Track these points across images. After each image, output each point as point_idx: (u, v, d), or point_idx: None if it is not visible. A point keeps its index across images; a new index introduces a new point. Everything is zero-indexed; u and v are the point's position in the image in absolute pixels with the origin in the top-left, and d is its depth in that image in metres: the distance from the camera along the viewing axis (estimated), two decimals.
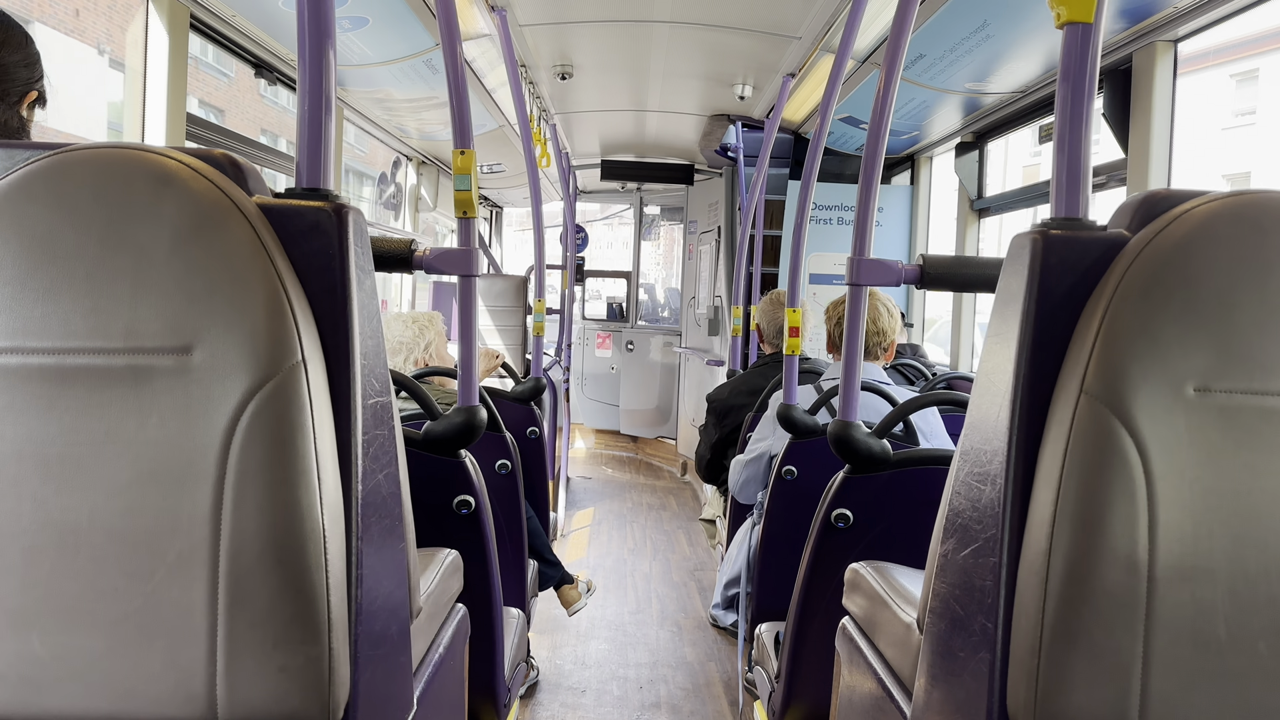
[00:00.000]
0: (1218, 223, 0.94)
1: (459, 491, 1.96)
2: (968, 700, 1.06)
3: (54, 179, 0.97)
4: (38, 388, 0.95)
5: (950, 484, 1.18)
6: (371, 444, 1.06)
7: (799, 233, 2.70)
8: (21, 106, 1.44)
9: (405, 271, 1.69)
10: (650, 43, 4.05)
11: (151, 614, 0.95)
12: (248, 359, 0.94)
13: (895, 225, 5.24)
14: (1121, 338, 0.93)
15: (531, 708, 3.21)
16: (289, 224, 1.02)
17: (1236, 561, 0.93)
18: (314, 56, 1.12)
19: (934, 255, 1.71)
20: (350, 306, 1.03)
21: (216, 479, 0.94)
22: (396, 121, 4.88)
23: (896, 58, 1.90)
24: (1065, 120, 1.12)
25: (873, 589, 1.52)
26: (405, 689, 1.23)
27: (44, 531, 0.95)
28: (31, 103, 1.46)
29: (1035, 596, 0.96)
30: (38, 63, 1.47)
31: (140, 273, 0.95)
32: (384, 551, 1.10)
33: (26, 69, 1.44)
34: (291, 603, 0.94)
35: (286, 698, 0.95)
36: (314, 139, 1.11)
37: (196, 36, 2.87)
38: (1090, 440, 0.93)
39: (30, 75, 1.45)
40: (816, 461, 2.57)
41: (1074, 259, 1.01)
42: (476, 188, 1.88)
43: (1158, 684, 0.93)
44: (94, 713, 0.96)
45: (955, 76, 3.58)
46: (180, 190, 0.96)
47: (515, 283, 5.52)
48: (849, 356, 1.98)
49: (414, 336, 3.08)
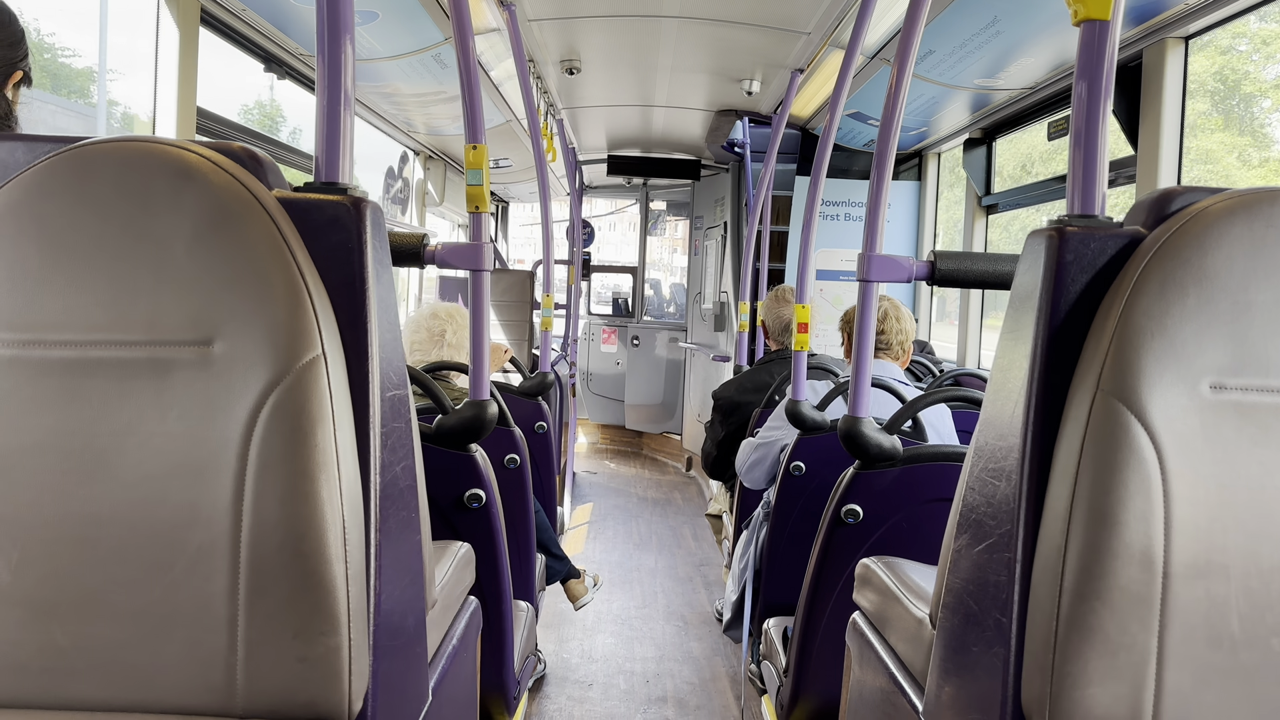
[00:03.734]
0: (1234, 220, 0.95)
1: (470, 485, 1.96)
2: (981, 695, 1.07)
3: (75, 172, 0.97)
4: (59, 380, 0.96)
5: (964, 479, 1.18)
6: (389, 436, 1.07)
7: (807, 229, 2.70)
8: (6, 87, 1.42)
9: (417, 266, 1.70)
10: (658, 38, 4.05)
11: (172, 605, 0.96)
12: (268, 352, 0.95)
13: (902, 222, 5.23)
14: (1137, 335, 0.94)
15: (539, 700, 3.22)
16: (308, 218, 1.03)
17: (1251, 558, 0.93)
18: (332, 52, 1.12)
19: (945, 251, 1.71)
20: (369, 300, 1.04)
21: (237, 471, 0.94)
22: (404, 116, 4.88)
23: (908, 53, 1.89)
24: (1082, 117, 1.12)
25: (884, 584, 1.53)
26: (421, 680, 1.24)
27: (65, 523, 0.96)
28: (16, 83, 1.44)
29: (1050, 592, 0.96)
30: (22, 41, 1.44)
31: (161, 266, 0.96)
32: (401, 543, 1.11)
33: (10, 48, 1.41)
34: (311, 594, 0.95)
35: (305, 688, 0.96)
36: (332, 133, 1.12)
37: (207, 31, 2.87)
38: (1106, 437, 0.93)
39: (14, 55, 1.42)
40: (824, 457, 2.57)
41: (1090, 256, 1.02)
42: (488, 182, 1.89)
43: (1172, 679, 0.93)
44: (115, 702, 0.97)
45: (965, 72, 3.57)
46: (201, 184, 0.96)
47: (522, 278, 5.52)
48: (859, 352, 1.98)
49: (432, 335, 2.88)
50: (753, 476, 3.00)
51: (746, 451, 3.03)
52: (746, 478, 3.05)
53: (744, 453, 3.05)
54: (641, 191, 8.88)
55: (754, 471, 2.98)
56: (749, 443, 3.05)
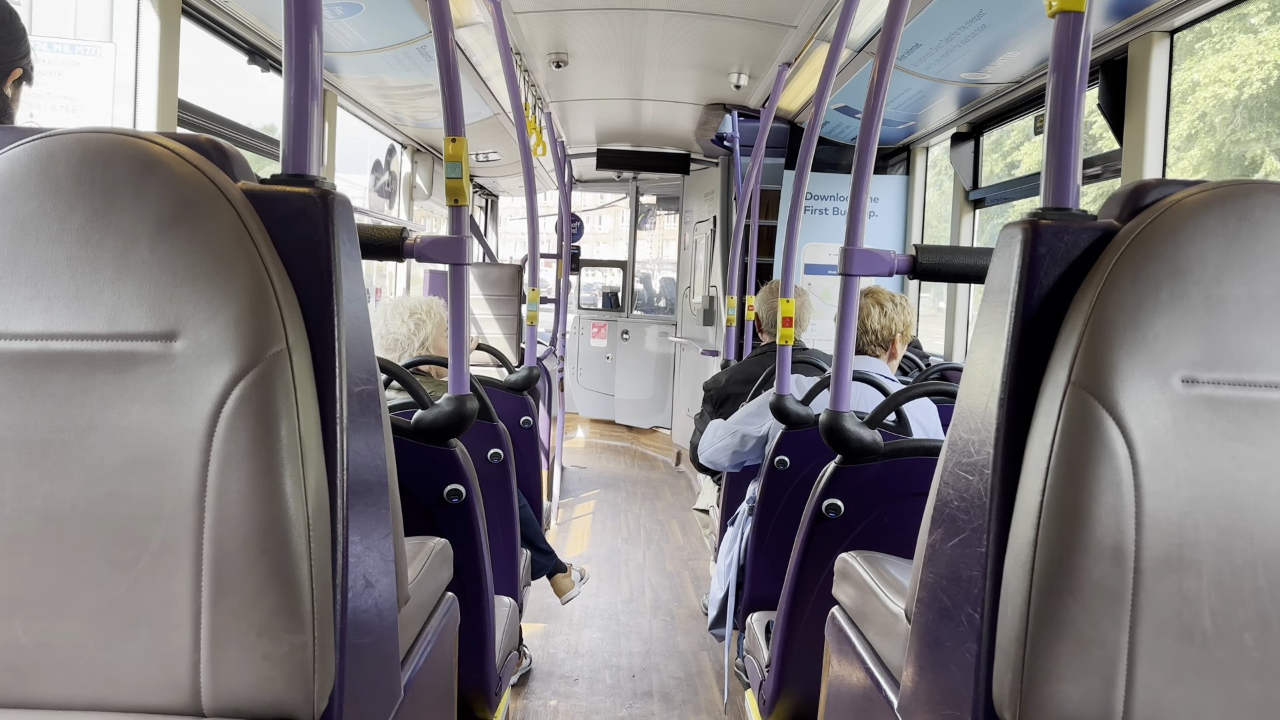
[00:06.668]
0: (1207, 213, 0.94)
1: (449, 480, 1.95)
2: (954, 690, 1.07)
3: (37, 164, 0.96)
4: (20, 374, 0.95)
5: (939, 474, 1.18)
6: (358, 431, 1.06)
7: (793, 223, 2.69)
8: (5, 85, 1.42)
9: (396, 259, 1.68)
10: (646, 31, 4.04)
11: (135, 601, 0.94)
12: (232, 346, 0.93)
13: (890, 216, 5.22)
14: (1110, 328, 0.93)
15: (524, 696, 3.21)
16: (274, 210, 1.01)
17: (1223, 553, 0.93)
18: (300, 40, 1.11)
19: (927, 245, 1.71)
20: (336, 293, 1.02)
21: (200, 466, 0.93)
22: (391, 109, 4.85)
23: (890, 47, 1.89)
24: (1056, 110, 1.11)
25: (862, 579, 1.52)
26: (393, 677, 1.23)
27: (26, 518, 0.95)
28: (16, 80, 1.44)
29: (1021, 587, 0.96)
30: (23, 39, 1.44)
31: (124, 259, 0.94)
32: (370, 540, 1.10)
33: (10, 45, 1.41)
34: (275, 591, 0.93)
35: (271, 686, 0.95)
36: (300, 124, 1.10)
37: (189, 22, 2.85)
38: (1077, 431, 0.93)
39: (14, 52, 1.42)
40: (809, 452, 2.57)
41: (1063, 249, 1.01)
42: (468, 175, 1.87)
43: (1143, 675, 0.93)
44: (78, 700, 0.96)
45: (951, 66, 3.56)
46: (164, 175, 0.95)
47: (510, 272, 5.50)
48: (841, 347, 1.98)
49: (409, 333, 2.91)
50: (715, 458, 2.94)
51: (716, 432, 2.97)
52: (706, 456, 3.00)
53: (712, 433, 3.00)
54: (631, 185, 8.86)
55: (718, 454, 2.92)
56: (719, 423, 3.01)
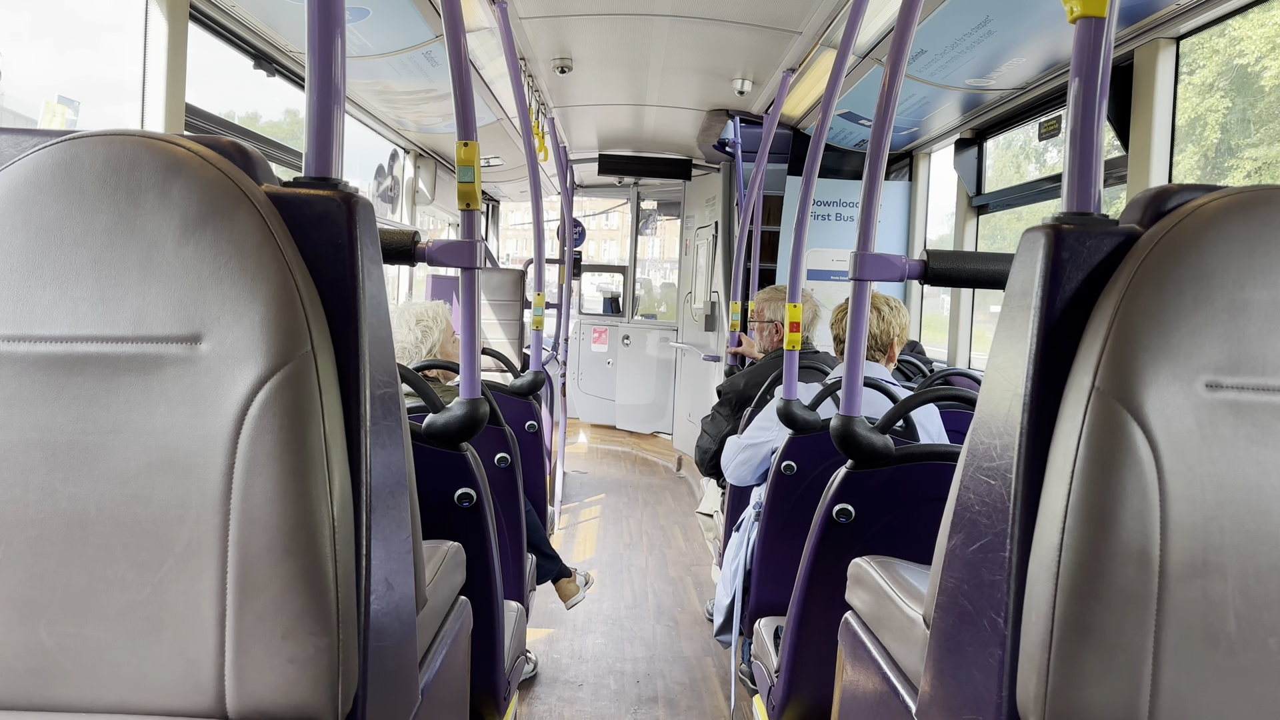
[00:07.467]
0: (1230, 218, 0.94)
1: (461, 484, 1.95)
2: (976, 695, 1.06)
3: (62, 166, 0.96)
4: (46, 376, 0.95)
5: (958, 479, 1.18)
6: (380, 434, 1.06)
7: (800, 228, 2.69)
8: None
9: (408, 263, 1.68)
10: (650, 37, 4.05)
11: (160, 604, 0.94)
12: (257, 348, 0.93)
13: (892, 222, 5.23)
14: (1134, 333, 0.93)
15: (529, 701, 3.21)
16: (298, 213, 1.01)
17: (1247, 557, 0.93)
18: (323, 47, 1.11)
19: (938, 250, 1.71)
20: (359, 296, 1.02)
21: (225, 468, 0.93)
22: (395, 114, 4.86)
23: (901, 54, 1.89)
24: (1078, 115, 1.11)
25: (877, 584, 1.52)
26: (411, 681, 1.23)
27: (51, 521, 0.94)
28: None
29: (1046, 591, 0.96)
30: None
31: (149, 261, 0.94)
32: (392, 543, 1.10)
33: None
34: (301, 594, 0.93)
35: (296, 689, 0.95)
36: (323, 129, 1.10)
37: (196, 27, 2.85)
38: (1102, 436, 0.93)
39: None
40: (816, 457, 2.57)
41: (1086, 254, 1.01)
42: (480, 180, 1.88)
43: (1168, 679, 0.93)
44: (101, 704, 0.96)
45: (956, 72, 3.57)
46: (189, 178, 0.95)
47: (513, 277, 5.51)
48: (852, 352, 1.98)
49: (416, 341, 2.91)
50: (739, 474, 3.01)
51: (734, 449, 3.03)
52: (733, 475, 3.05)
53: (730, 450, 3.05)
54: (633, 191, 8.87)
55: (741, 470, 2.99)
56: (736, 441, 3.06)
